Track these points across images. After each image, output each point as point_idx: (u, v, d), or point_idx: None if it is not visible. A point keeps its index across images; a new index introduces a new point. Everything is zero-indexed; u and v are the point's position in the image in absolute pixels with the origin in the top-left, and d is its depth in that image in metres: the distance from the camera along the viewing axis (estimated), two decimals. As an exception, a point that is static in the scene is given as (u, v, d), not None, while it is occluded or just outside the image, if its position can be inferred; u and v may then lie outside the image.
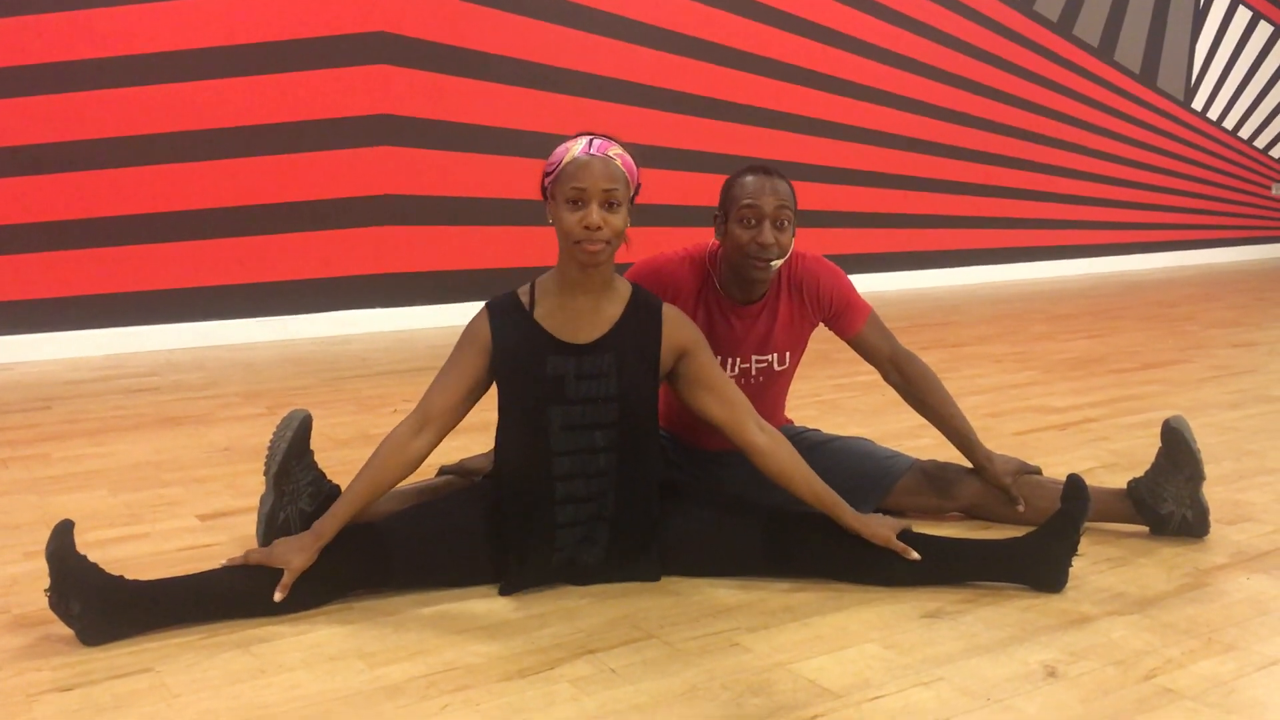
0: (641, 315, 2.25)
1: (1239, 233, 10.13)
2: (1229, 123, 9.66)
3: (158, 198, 5.06)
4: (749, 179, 2.43)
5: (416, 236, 5.74)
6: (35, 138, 4.77)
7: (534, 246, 5.86)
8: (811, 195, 6.97)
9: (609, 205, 2.11)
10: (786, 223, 2.41)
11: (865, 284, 2.79)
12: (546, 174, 2.18)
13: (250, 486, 2.91)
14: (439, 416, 2.19)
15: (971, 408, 2.65)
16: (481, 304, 2.28)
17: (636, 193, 2.21)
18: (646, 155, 2.25)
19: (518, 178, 5.88)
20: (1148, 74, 8.99)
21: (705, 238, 2.62)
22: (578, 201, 2.10)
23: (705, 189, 6.37)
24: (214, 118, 5.13)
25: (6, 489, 2.93)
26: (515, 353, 2.19)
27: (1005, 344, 5.32)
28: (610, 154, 2.14)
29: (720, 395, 2.27)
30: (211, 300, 5.24)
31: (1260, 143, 9.98)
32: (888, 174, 7.60)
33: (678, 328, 2.27)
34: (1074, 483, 2.24)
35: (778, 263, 2.44)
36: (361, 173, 5.54)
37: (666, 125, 6.48)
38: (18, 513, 2.73)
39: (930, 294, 7.46)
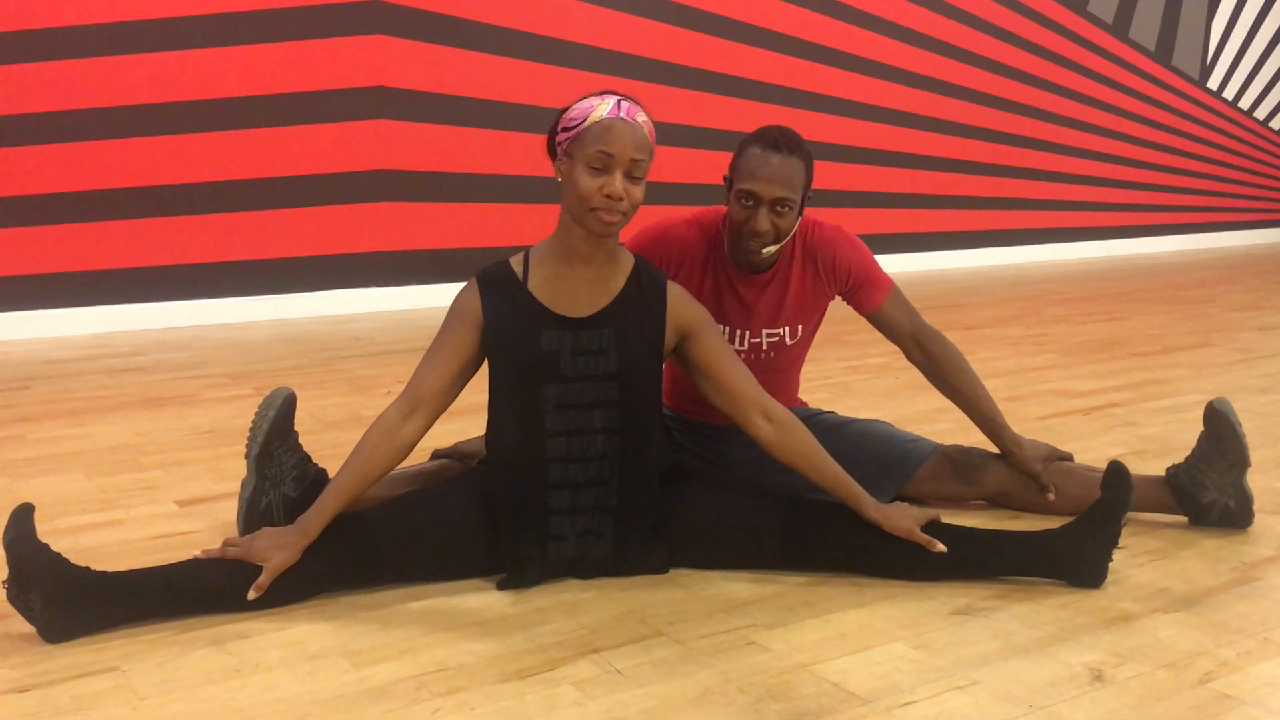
0: (645, 290, 2.10)
1: (1254, 215, 9.94)
2: (1244, 103, 9.47)
3: (147, 171, 4.89)
4: (756, 152, 2.26)
5: (414, 213, 5.57)
6: (18, 108, 4.60)
7: (536, 224, 5.68)
8: (821, 174, 6.78)
9: (632, 176, 1.96)
10: (787, 209, 2.25)
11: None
12: (564, 129, 2.01)
13: (233, 470, 2.75)
14: (430, 399, 2.03)
15: (990, 391, 2.50)
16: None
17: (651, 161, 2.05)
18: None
19: (519, 153, 5.70)
20: (1163, 52, 8.79)
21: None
22: (601, 166, 1.94)
23: (711, 166, 6.20)
24: (205, 88, 4.96)
25: (-24, 472, 2.78)
26: (507, 326, 2.04)
27: (1021, 326, 5.16)
28: (639, 120, 1.98)
29: (724, 384, 2.12)
30: (202, 278, 5.08)
31: (1277, 123, 9.78)
32: (897, 152, 7.42)
33: (683, 306, 2.12)
34: (1115, 470, 2.08)
35: (773, 249, 2.29)
36: (357, 147, 5.37)
37: (672, 100, 6.29)
38: (-14, 497, 2.58)
39: (940, 275, 7.29)
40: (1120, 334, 4.97)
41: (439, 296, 5.52)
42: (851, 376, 3.99)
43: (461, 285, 2.12)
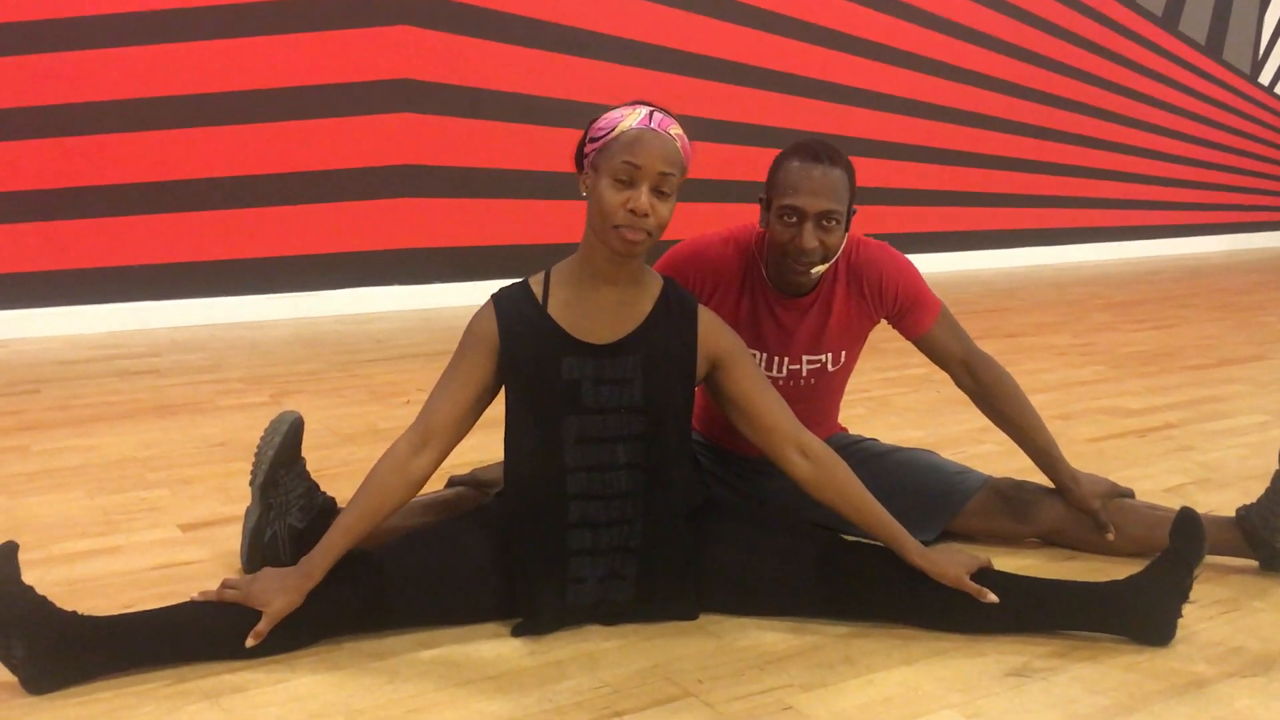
0: (674, 314, 1.94)
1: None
2: (1297, 99, 9.17)
3: (164, 165, 4.77)
4: (795, 165, 2.09)
5: (439, 209, 5.43)
6: (31, 99, 4.49)
7: (564, 221, 5.54)
8: (856, 170, 6.59)
9: (660, 192, 1.81)
10: (834, 223, 2.09)
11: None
12: (591, 140, 1.86)
13: (241, 490, 2.62)
14: (442, 431, 1.89)
15: (1038, 408, 2.34)
16: (497, 287, 1.97)
17: (682, 178, 1.89)
18: (683, 126, 1.92)
19: (547, 148, 5.55)
20: (1213, 46, 8.51)
21: (744, 216, 2.32)
22: (627, 179, 1.79)
23: (744, 163, 6.03)
24: (223, 80, 4.83)
25: (-24, 487, 2.67)
26: (526, 353, 1.89)
27: (1066, 334, 4.95)
28: (671, 133, 1.83)
29: (758, 418, 1.97)
30: (220, 275, 4.96)
31: (1329, 120, 9.47)
32: (935, 148, 7.21)
33: (715, 332, 1.97)
34: (1187, 518, 1.90)
35: (821, 268, 2.13)
36: (381, 141, 5.23)
37: (704, 94, 6.11)
38: (-18, 517, 2.46)
39: (979, 276, 7.08)
40: (1171, 344, 4.76)
41: (464, 295, 5.39)
42: (889, 390, 3.81)
43: (487, 284, 1.98)
